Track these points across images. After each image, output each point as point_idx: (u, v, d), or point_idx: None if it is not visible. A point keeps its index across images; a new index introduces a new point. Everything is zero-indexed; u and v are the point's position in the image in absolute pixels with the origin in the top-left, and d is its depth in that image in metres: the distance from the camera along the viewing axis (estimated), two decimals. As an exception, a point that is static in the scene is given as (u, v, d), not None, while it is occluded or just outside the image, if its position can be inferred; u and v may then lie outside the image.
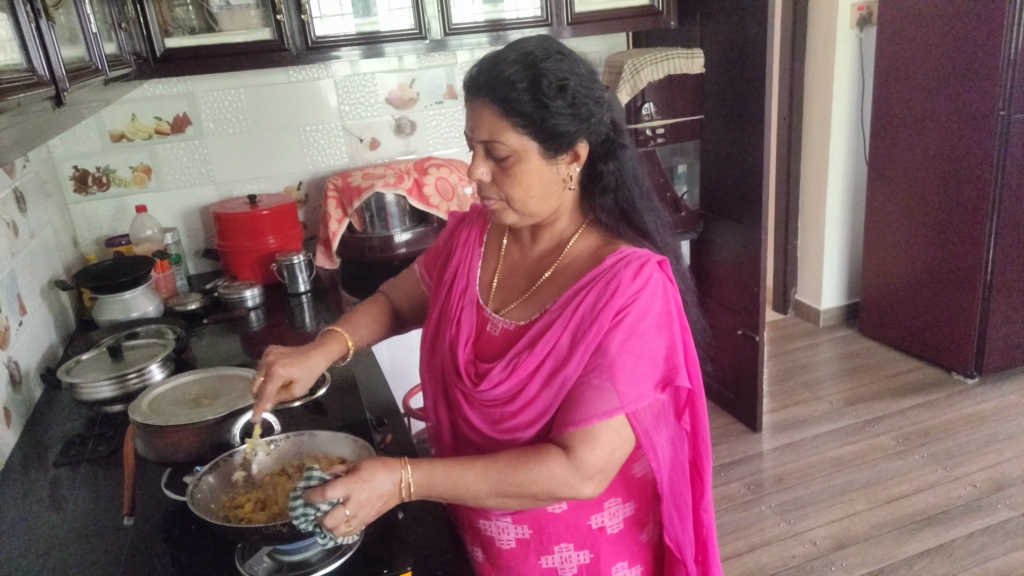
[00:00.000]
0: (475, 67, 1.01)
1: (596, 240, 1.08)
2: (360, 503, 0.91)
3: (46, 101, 1.03)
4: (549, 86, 0.95)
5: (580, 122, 0.99)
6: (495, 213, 1.06)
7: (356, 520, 0.91)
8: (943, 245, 3.26)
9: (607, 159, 1.04)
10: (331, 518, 0.90)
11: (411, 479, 0.94)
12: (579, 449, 0.96)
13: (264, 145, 2.61)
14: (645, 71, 2.71)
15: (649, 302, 0.98)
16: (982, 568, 2.30)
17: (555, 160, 1.01)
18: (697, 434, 1.09)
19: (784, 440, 3.03)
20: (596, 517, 1.12)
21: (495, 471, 0.97)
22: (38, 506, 1.35)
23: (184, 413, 1.22)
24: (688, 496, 1.10)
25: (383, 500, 0.93)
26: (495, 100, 0.97)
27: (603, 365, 0.97)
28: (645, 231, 1.06)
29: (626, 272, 0.99)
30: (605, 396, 0.96)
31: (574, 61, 1.00)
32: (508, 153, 0.99)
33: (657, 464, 1.03)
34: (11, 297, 1.71)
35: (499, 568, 1.17)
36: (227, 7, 2.22)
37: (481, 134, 1.00)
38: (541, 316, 1.05)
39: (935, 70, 3.11)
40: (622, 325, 0.97)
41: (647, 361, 0.98)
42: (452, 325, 1.14)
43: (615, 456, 0.99)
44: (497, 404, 1.05)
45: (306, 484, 0.92)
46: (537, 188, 1.02)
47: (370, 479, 0.92)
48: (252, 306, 2.22)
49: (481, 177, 1.03)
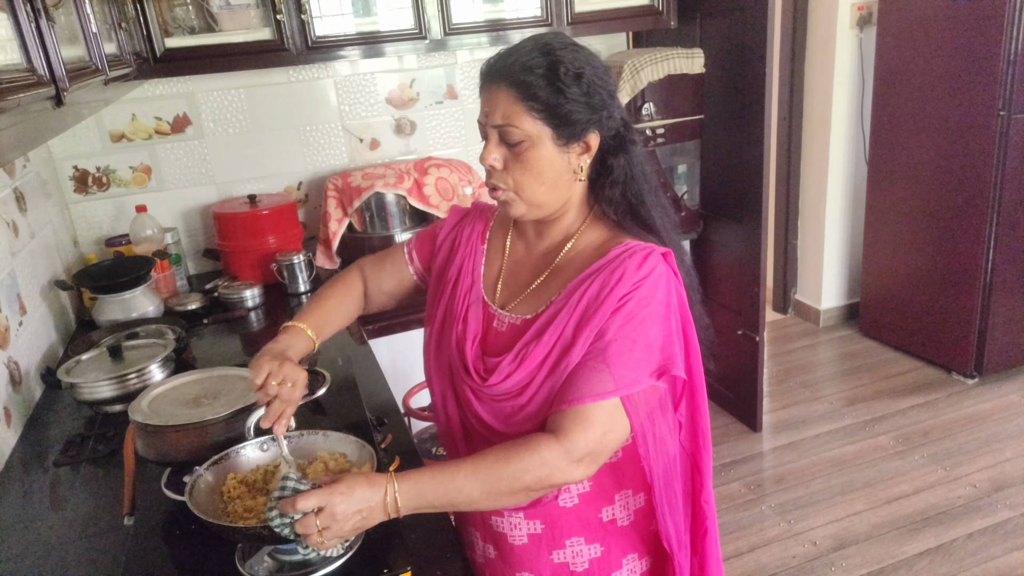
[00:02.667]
0: (492, 57, 1.03)
1: (601, 234, 1.08)
2: (334, 516, 0.89)
3: (46, 101, 1.03)
4: (566, 73, 0.97)
5: (593, 112, 1.00)
6: (504, 204, 1.06)
7: (329, 533, 0.90)
8: (943, 245, 3.27)
9: (617, 153, 1.05)
10: (301, 525, 0.89)
11: (398, 493, 0.92)
12: (570, 430, 0.96)
13: (264, 145, 2.61)
14: (645, 71, 2.71)
15: (651, 291, 0.99)
16: (982, 568, 2.31)
17: (567, 148, 1.01)
18: (696, 427, 1.09)
19: (784, 440, 3.04)
20: (607, 510, 1.12)
21: (484, 468, 0.95)
22: (38, 506, 1.34)
23: (184, 413, 1.22)
24: (679, 488, 1.10)
25: (361, 515, 0.91)
26: (512, 84, 0.98)
27: (599, 348, 0.98)
28: (651, 227, 1.07)
29: (631, 261, 1.00)
30: (600, 377, 0.97)
31: (589, 55, 1.02)
32: (522, 138, 1.00)
33: (647, 452, 1.04)
34: (11, 297, 1.71)
35: (511, 565, 1.17)
36: (227, 7, 2.22)
37: (496, 118, 1.01)
38: (547, 308, 1.05)
39: (935, 70, 3.11)
40: (622, 311, 0.98)
41: (643, 347, 0.98)
42: (458, 323, 1.13)
43: (606, 439, 0.98)
44: (507, 398, 1.05)
45: (280, 494, 0.92)
46: (548, 175, 1.02)
47: (347, 492, 0.90)
48: (252, 306, 2.22)
49: (493, 163, 1.03)
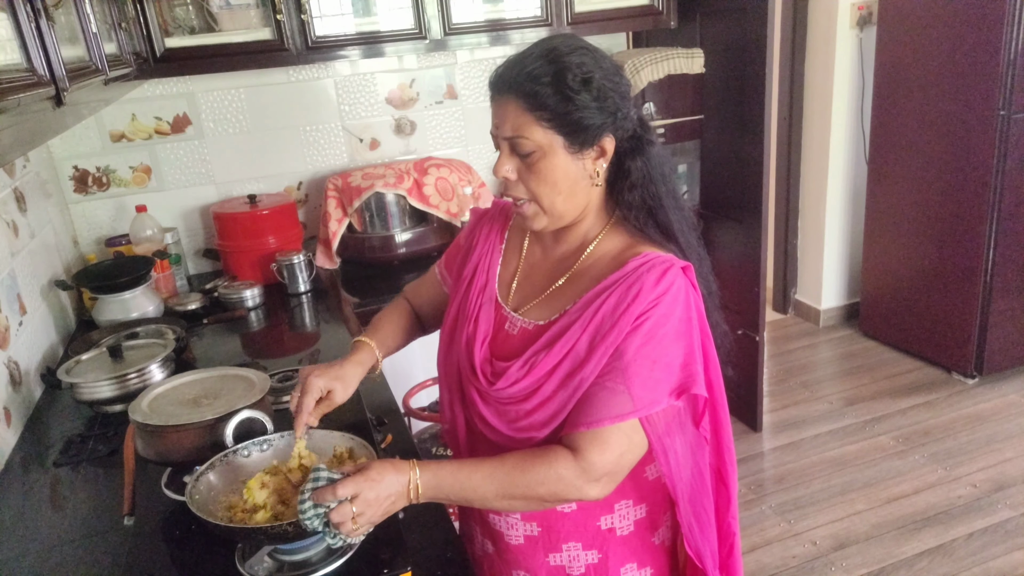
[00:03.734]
0: (500, 66, 1.02)
1: (620, 242, 1.06)
2: (367, 502, 0.91)
3: (46, 101, 1.03)
4: (574, 79, 0.95)
5: (606, 115, 0.98)
6: (527, 218, 1.05)
7: (363, 518, 0.91)
8: (943, 245, 3.26)
9: (635, 155, 1.03)
10: (338, 513, 0.90)
11: (419, 481, 0.94)
12: (588, 451, 0.96)
13: (264, 145, 2.61)
14: (645, 71, 2.71)
15: (670, 308, 0.97)
16: (982, 568, 2.31)
17: (581, 155, 1.00)
18: (720, 442, 1.08)
19: (784, 440, 3.03)
20: (606, 518, 1.12)
21: (502, 472, 0.96)
22: (38, 506, 1.34)
23: (184, 413, 1.22)
24: (709, 505, 1.09)
25: (391, 500, 0.93)
26: (520, 95, 0.97)
27: (618, 368, 0.97)
28: (670, 231, 1.05)
29: (648, 277, 0.98)
30: (618, 399, 0.96)
31: (599, 57, 1.00)
32: (533, 148, 0.98)
33: (668, 470, 1.02)
34: (11, 297, 1.71)
35: (508, 562, 1.18)
36: (227, 7, 2.22)
37: (506, 130, 0.99)
38: (560, 317, 1.04)
39: (935, 70, 3.11)
40: (641, 329, 0.96)
41: (663, 367, 0.97)
42: (470, 323, 1.13)
43: (624, 460, 0.98)
44: (512, 402, 1.05)
45: (314, 485, 0.92)
46: (563, 184, 1.01)
47: (379, 479, 0.92)
48: (252, 306, 2.22)
49: (507, 175, 1.02)
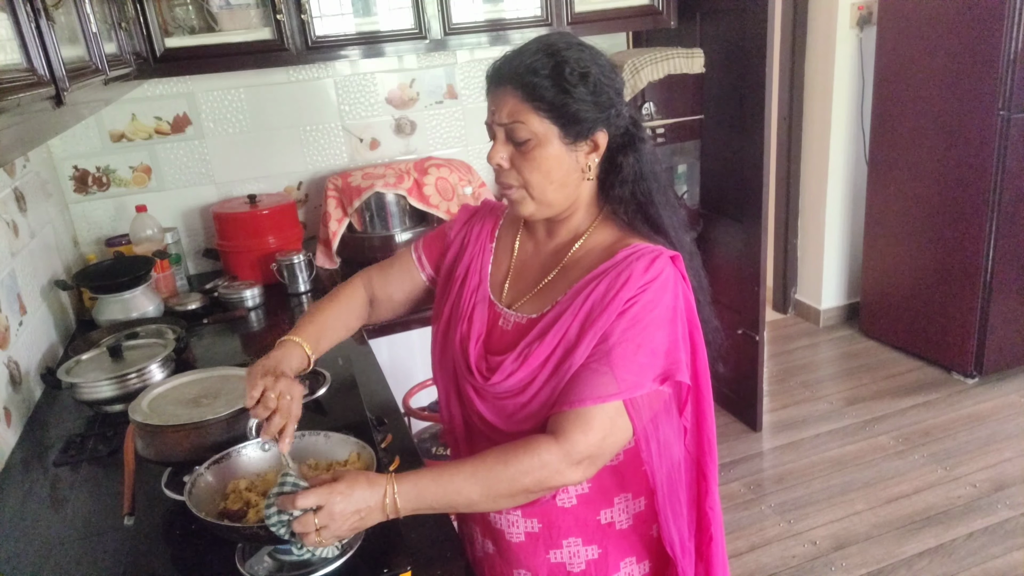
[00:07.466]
0: (497, 60, 1.04)
1: (610, 235, 1.08)
2: (332, 515, 0.89)
3: (46, 101, 1.03)
4: (571, 73, 0.97)
5: (600, 110, 1.00)
6: (514, 203, 1.06)
7: (327, 532, 0.89)
8: (943, 245, 3.26)
9: (626, 151, 1.05)
10: (300, 523, 0.89)
11: (397, 495, 0.92)
12: (571, 432, 0.96)
13: (264, 145, 2.61)
14: (645, 71, 2.71)
15: (657, 295, 0.99)
16: (982, 568, 2.31)
17: (575, 147, 1.02)
18: (702, 432, 1.09)
19: (784, 440, 3.04)
20: (605, 512, 1.12)
21: (484, 469, 0.95)
22: (38, 506, 1.34)
23: (184, 413, 1.22)
24: (683, 494, 1.10)
25: (359, 516, 0.91)
26: (518, 86, 0.99)
27: (603, 351, 0.98)
28: (660, 226, 1.06)
29: (638, 264, 1.00)
30: (603, 380, 0.97)
31: (595, 53, 1.02)
32: (528, 136, 1.00)
33: (650, 457, 1.03)
34: (11, 297, 1.71)
35: (509, 561, 1.18)
36: (227, 7, 2.22)
37: (502, 116, 1.01)
38: (552, 308, 1.05)
39: (935, 70, 3.11)
40: (627, 314, 0.98)
41: (647, 352, 0.98)
42: (463, 322, 1.13)
43: (606, 443, 0.98)
44: (509, 396, 1.05)
45: (279, 490, 0.91)
46: (556, 174, 1.02)
47: (347, 492, 0.90)
48: (252, 306, 2.22)
49: (500, 162, 1.03)
